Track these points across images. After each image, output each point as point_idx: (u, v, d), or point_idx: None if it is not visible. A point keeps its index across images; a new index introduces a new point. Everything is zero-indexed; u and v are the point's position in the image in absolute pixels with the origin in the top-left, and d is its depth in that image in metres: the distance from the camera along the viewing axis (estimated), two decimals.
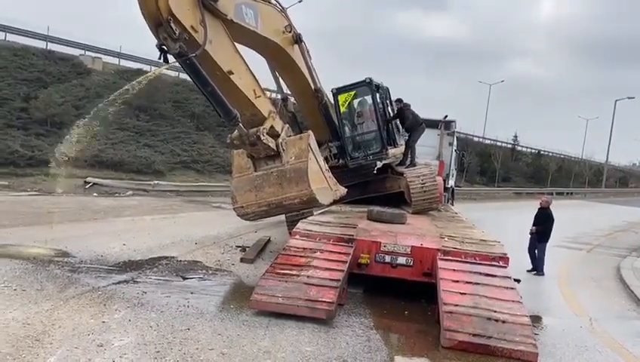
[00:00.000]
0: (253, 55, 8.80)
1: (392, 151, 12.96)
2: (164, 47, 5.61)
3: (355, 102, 12.77)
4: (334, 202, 10.23)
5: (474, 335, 5.91)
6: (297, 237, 7.90)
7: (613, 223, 25.23)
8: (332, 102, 12.27)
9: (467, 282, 6.87)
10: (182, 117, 30.56)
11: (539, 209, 11.87)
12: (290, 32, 8.77)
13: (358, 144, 12.67)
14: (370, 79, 12.33)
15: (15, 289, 6.31)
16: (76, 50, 33.28)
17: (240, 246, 10.67)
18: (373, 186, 13.37)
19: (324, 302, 6.30)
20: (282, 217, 11.49)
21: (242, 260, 9.40)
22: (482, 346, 5.84)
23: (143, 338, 5.18)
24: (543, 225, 11.59)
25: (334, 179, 9.49)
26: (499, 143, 51.75)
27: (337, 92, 12.33)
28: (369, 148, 12.54)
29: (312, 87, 10.50)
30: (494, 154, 44.58)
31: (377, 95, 12.44)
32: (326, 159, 12.03)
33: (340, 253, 7.47)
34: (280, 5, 8.41)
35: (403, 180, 12.74)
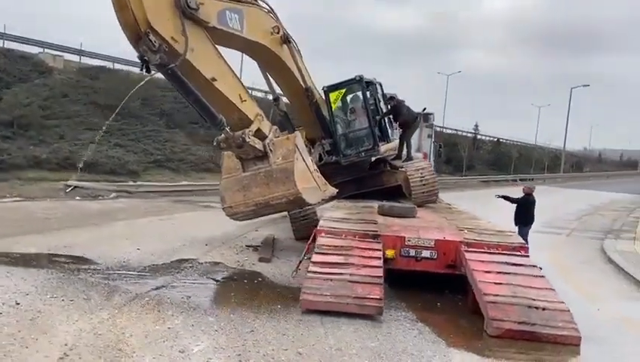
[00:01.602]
0: (244, 56, 8.84)
1: (384, 146, 13.23)
2: (145, 58, 5.62)
3: (346, 99, 13.01)
4: (324, 201, 10.40)
5: (519, 323, 6.22)
6: (323, 235, 8.03)
7: (579, 207, 26.31)
8: (323, 99, 12.42)
9: (498, 272, 7.16)
10: (151, 115, 29.96)
11: (523, 196, 12.30)
12: (278, 32, 8.82)
13: (350, 141, 12.88)
14: (360, 76, 12.55)
15: (63, 300, 6.23)
16: (34, 48, 32.07)
17: (250, 246, 10.73)
18: (369, 181, 13.63)
19: (373, 298, 6.51)
20: (278, 214, 11.63)
21: (261, 260, 9.48)
22: (528, 333, 6.16)
23: (216, 341, 5.27)
24: (527, 210, 12.06)
25: (323, 179, 9.63)
26: (460, 133, 53.25)
27: (328, 90, 12.50)
28: (361, 144, 12.76)
29: (303, 86, 10.62)
30: (461, 144, 45.77)
31: (368, 92, 12.68)
32: (320, 156, 12.27)
33: (371, 249, 7.66)
34: (268, 6, 8.47)
35: (400, 174, 13.06)
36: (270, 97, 13.13)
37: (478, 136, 57.93)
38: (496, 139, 60.59)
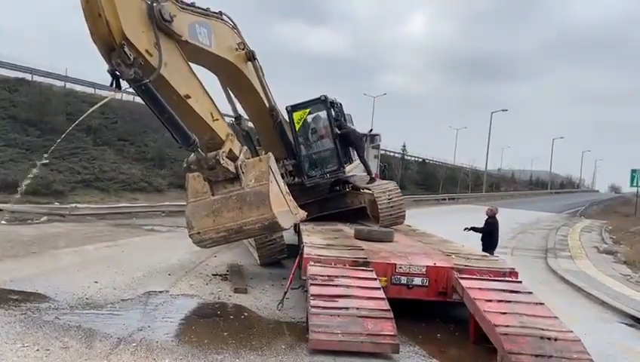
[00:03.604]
0: (205, 75, 8.39)
1: (347, 167, 12.97)
2: (116, 72, 5.22)
3: (310, 119, 12.63)
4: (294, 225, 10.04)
5: (536, 356, 5.97)
6: (312, 263, 7.57)
7: (509, 226, 27.07)
8: (287, 119, 12.04)
9: (499, 301, 6.97)
10: (77, 131, 27.87)
11: (488, 220, 12.45)
12: (243, 49, 8.58)
13: (315, 162, 12.55)
14: (325, 96, 12.29)
15: (38, 350, 5.32)
16: None
17: (217, 275, 9.96)
18: (332, 203, 13.28)
19: (387, 335, 6.07)
20: None
21: (236, 291, 8.77)
22: None
23: None
24: (493, 233, 12.22)
25: (294, 202, 9.27)
26: (390, 153, 54.16)
27: (292, 109, 12.16)
28: (325, 165, 12.46)
29: (267, 105, 10.28)
30: (395, 164, 46.53)
31: (332, 112, 12.40)
32: (281, 177, 11.80)
33: (367, 278, 7.27)
34: (231, 22, 8.13)
35: (365, 195, 12.83)
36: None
37: (406, 157, 59.35)
38: (421, 160, 62.48)
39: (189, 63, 6.47)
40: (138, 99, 30.85)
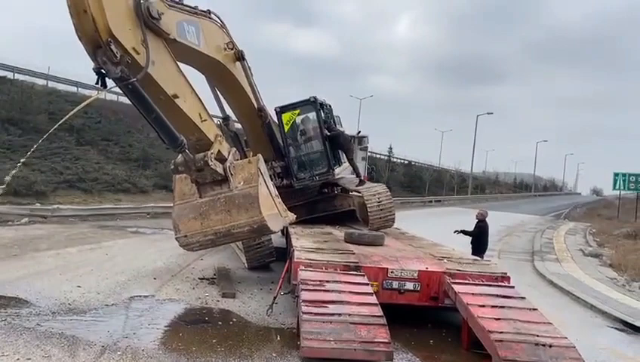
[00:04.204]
0: (192, 75, 8.22)
1: (337, 169, 12.85)
2: (102, 70, 5.03)
3: (299, 121, 12.48)
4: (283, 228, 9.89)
5: None
6: (303, 268, 7.42)
7: (495, 228, 26.93)
8: (276, 121, 11.88)
9: (493, 306, 6.88)
10: (59, 130, 27.29)
11: (478, 223, 12.41)
12: (232, 49, 8.41)
13: (304, 164, 12.40)
14: (314, 98, 12.15)
15: (18, 360, 5.08)
16: None
17: (204, 279, 9.77)
18: (321, 205, 13.16)
19: (381, 342, 5.91)
20: None
21: (224, 295, 8.58)
22: None
23: None
24: (482, 237, 12.18)
25: (284, 205, 9.11)
26: (376, 155, 54.19)
27: (281, 110, 12.01)
28: (315, 168, 12.33)
29: (256, 105, 10.11)
30: (381, 166, 46.57)
31: (322, 113, 12.26)
32: (270, 179, 11.63)
33: (358, 283, 7.13)
34: (220, 21, 7.97)
35: (355, 198, 12.70)
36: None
37: (392, 159, 59.43)
38: (407, 162, 62.61)
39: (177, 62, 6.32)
40: (122, 99, 30.55)
